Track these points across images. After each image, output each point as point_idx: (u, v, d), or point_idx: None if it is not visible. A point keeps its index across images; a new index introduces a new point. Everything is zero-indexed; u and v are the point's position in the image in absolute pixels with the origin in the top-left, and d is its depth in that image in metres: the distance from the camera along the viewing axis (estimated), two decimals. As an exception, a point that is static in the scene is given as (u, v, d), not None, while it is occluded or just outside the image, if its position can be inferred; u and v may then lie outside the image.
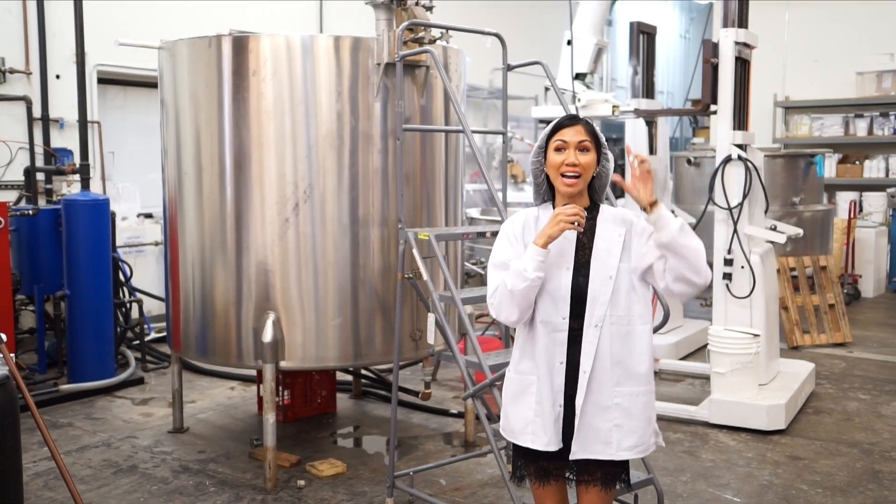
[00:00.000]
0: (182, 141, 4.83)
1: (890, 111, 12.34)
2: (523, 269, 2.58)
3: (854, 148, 12.72)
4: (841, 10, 12.54)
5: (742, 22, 5.76)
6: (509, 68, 4.67)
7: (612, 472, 2.71)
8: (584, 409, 2.62)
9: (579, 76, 7.00)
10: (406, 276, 4.26)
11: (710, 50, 5.64)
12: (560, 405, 2.66)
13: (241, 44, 4.56)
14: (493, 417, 4.38)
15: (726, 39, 5.64)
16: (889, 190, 11.17)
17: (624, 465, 2.74)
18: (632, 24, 6.75)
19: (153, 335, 7.81)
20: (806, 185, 8.90)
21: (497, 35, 4.62)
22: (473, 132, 4.12)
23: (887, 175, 12.32)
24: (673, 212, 4.96)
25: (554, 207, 2.72)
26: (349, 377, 6.49)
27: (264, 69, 4.51)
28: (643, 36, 7.27)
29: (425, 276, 4.07)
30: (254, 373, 6.49)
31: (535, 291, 2.62)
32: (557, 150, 2.66)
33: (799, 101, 12.84)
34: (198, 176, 4.74)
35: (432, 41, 4.46)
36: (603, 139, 2.71)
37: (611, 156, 2.73)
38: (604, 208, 2.74)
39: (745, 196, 5.65)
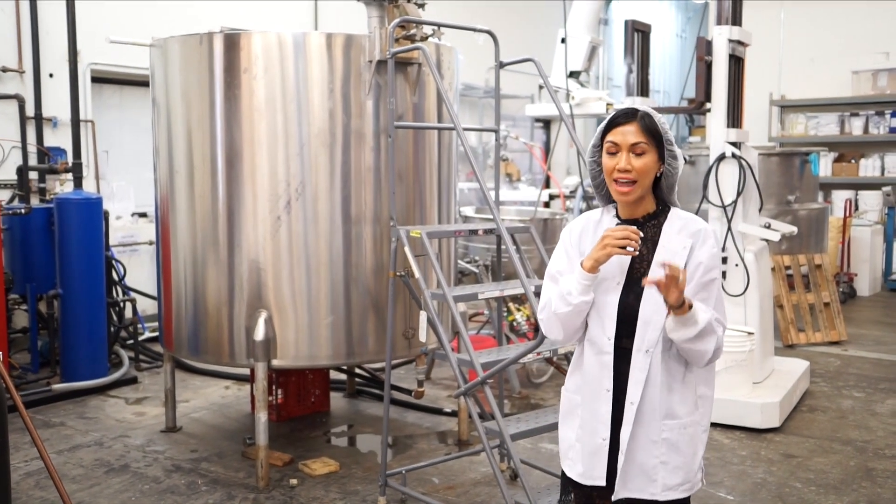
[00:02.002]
0: (174, 139, 4.81)
1: (885, 110, 12.35)
2: (567, 293, 2.34)
3: (850, 147, 12.72)
4: (836, 9, 12.55)
5: (736, 20, 5.75)
6: (501, 66, 4.66)
7: None
8: (629, 444, 2.34)
9: (573, 74, 6.99)
10: (398, 273, 4.24)
11: (705, 48, 5.63)
12: (604, 438, 2.38)
13: (232, 41, 4.54)
14: (486, 416, 4.37)
15: (720, 37, 5.64)
16: (884, 188, 11.16)
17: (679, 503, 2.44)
18: (626, 22, 6.72)
19: (147, 334, 7.80)
20: (801, 184, 8.90)
21: (489, 32, 4.61)
22: (465, 130, 4.10)
23: (883, 174, 12.32)
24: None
25: (617, 210, 2.46)
26: (343, 376, 6.48)
27: (256, 67, 4.49)
28: (638, 34, 7.24)
29: (417, 274, 4.05)
30: (248, 372, 6.47)
31: (582, 316, 2.37)
32: (609, 153, 2.35)
33: (795, 100, 12.85)
34: (189, 174, 4.73)
35: (424, 38, 4.44)
36: (667, 134, 2.37)
37: (679, 152, 2.40)
38: (673, 214, 2.41)
39: (739, 194, 5.64)
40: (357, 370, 6.38)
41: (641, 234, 2.31)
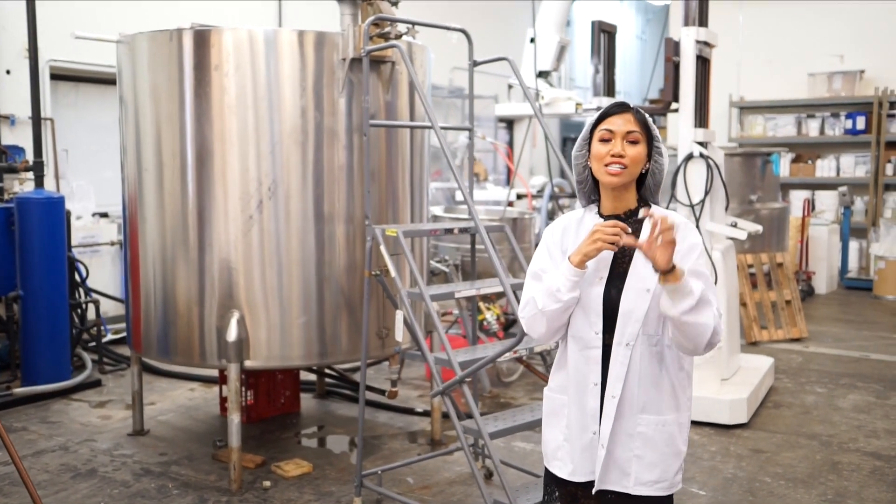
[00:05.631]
0: (142, 137, 4.72)
1: (840, 112, 12.62)
2: (556, 290, 2.33)
3: (806, 147, 12.98)
4: (793, 12, 12.80)
5: (702, 21, 5.82)
6: (475, 64, 4.66)
7: None
8: (610, 437, 2.35)
9: (542, 74, 7.02)
10: (374, 273, 4.22)
11: (672, 48, 5.69)
12: (594, 432, 2.39)
13: (202, 38, 4.47)
14: (461, 415, 4.37)
15: (687, 38, 5.70)
16: (840, 189, 11.41)
17: (661, 502, 2.42)
18: (593, 23, 6.78)
19: (110, 336, 7.66)
20: (763, 184, 9.06)
21: (463, 31, 4.61)
22: (442, 129, 4.09)
23: (838, 174, 12.59)
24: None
25: (599, 209, 2.46)
26: (313, 377, 6.42)
27: (227, 64, 4.43)
28: (604, 35, 7.30)
29: (394, 274, 4.03)
30: (215, 373, 6.39)
31: (568, 312, 2.37)
32: (603, 140, 2.36)
33: (753, 102, 13.07)
34: (158, 172, 4.65)
35: (398, 36, 4.43)
36: (656, 131, 2.40)
37: (664, 150, 2.44)
38: (654, 210, 2.38)
39: (706, 193, 5.72)
40: (327, 370, 6.33)
41: (629, 230, 2.31)
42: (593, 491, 2.41)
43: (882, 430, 5.55)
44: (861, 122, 12.35)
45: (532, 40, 6.85)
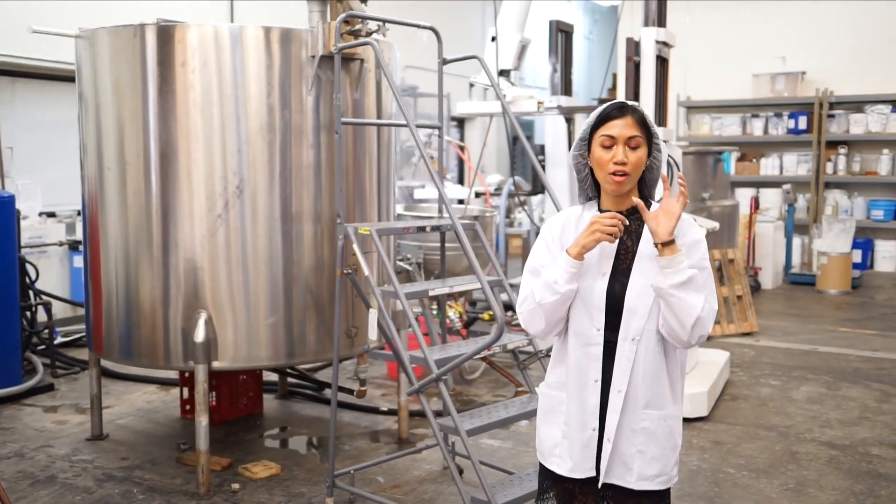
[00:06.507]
0: (103, 135, 4.61)
1: (783, 112, 12.97)
2: (553, 282, 2.33)
3: (751, 146, 13.30)
4: (738, 14, 13.10)
5: (661, 21, 5.93)
6: (445, 62, 4.66)
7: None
8: (615, 432, 2.36)
9: (504, 72, 7.06)
10: (345, 271, 4.19)
11: (633, 48, 5.78)
12: (594, 428, 2.39)
13: (167, 33, 4.39)
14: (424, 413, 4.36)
15: (647, 38, 5.80)
16: (784, 186, 11.71)
17: (660, 495, 2.45)
18: (551, 22, 6.86)
19: (60, 339, 7.45)
20: (715, 182, 9.25)
21: (432, 29, 4.61)
22: (417, 127, 4.08)
23: (781, 172, 12.94)
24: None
25: (599, 205, 2.47)
26: (275, 377, 6.35)
27: (193, 60, 4.35)
28: (561, 34, 7.38)
29: (367, 272, 4.01)
30: (173, 375, 6.27)
31: (566, 305, 2.37)
32: (604, 146, 2.34)
33: (700, 102, 13.34)
34: (121, 171, 4.54)
35: (369, 34, 4.40)
36: (654, 128, 2.41)
37: (663, 146, 2.45)
38: (654, 207, 2.41)
39: (666, 190, 5.81)
40: (288, 370, 6.26)
41: (627, 223, 2.35)
42: (599, 484, 2.42)
43: (835, 421, 5.73)
44: (803, 122, 12.71)
45: (493, 39, 6.89)
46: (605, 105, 2.41)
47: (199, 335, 4.39)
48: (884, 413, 5.88)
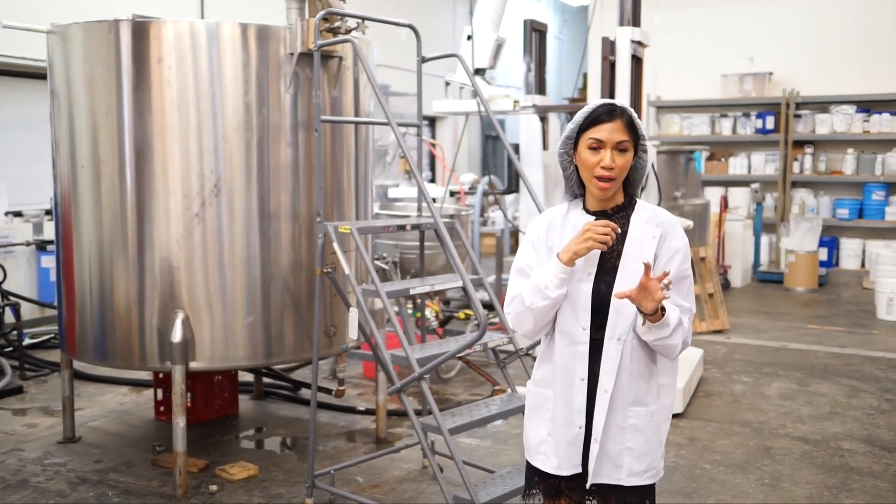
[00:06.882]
0: (77, 132, 4.53)
1: (751, 111, 13.14)
2: (544, 287, 2.33)
3: (720, 146, 13.45)
4: (707, 15, 13.24)
5: (636, 21, 5.97)
6: (424, 60, 4.65)
7: (627, 500, 2.45)
8: (602, 431, 2.37)
9: (479, 71, 7.06)
10: (325, 270, 4.16)
11: (609, 48, 5.81)
12: (580, 426, 2.40)
13: (142, 29, 4.33)
14: (404, 412, 4.35)
15: (623, 38, 5.83)
16: (752, 185, 11.86)
17: (645, 490, 2.47)
18: (525, 21, 6.87)
19: (28, 341, 7.32)
20: (686, 180, 9.35)
21: (411, 26, 4.59)
22: (398, 125, 4.06)
23: (749, 171, 13.10)
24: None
25: (585, 204, 2.46)
26: (250, 377, 6.30)
27: (170, 57, 4.29)
28: (535, 33, 7.41)
29: (347, 271, 3.99)
30: (146, 376, 6.20)
31: (556, 309, 2.37)
32: (591, 148, 2.33)
33: (670, 101, 13.47)
34: (95, 169, 4.47)
35: (348, 31, 4.38)
36: (642, 129, 2.40)
37: (649, 146, 2.44)
38: (640, 205, 2.44)
39: (642, 189, 5.85)
40: (263, 370, 6.21)
41: (619, 231, 2.34)
42: (587, 485, 2.43)
43: (807, 416, 5.81)
44: (770, 122, 12.87)
45: (469, 38, 6.89)
46: (594, 105, 2.39)
47: (177, 335, 4.33)
48: (853, 408, 5.98)
